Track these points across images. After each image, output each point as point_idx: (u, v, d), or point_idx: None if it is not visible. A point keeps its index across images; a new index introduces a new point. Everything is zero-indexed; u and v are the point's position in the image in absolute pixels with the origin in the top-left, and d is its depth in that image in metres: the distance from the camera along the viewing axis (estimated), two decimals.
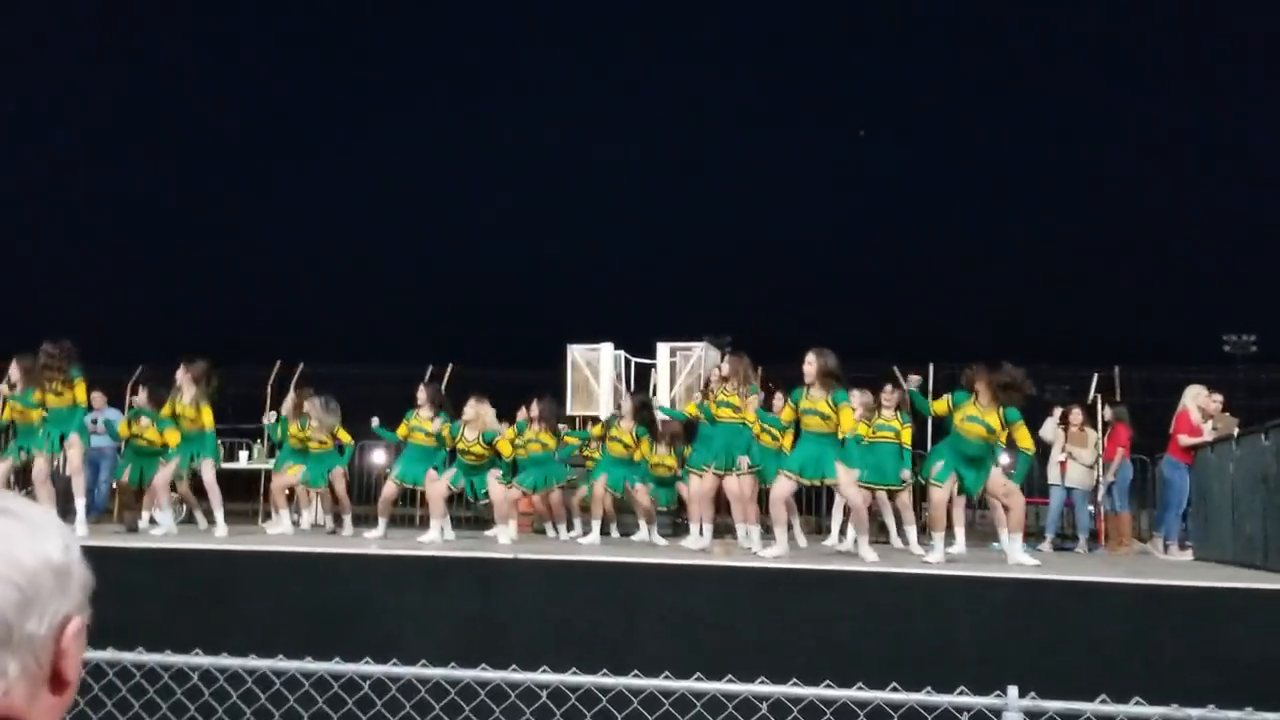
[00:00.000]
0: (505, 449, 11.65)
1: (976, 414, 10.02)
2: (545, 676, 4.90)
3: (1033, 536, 15.73)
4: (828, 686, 4.47)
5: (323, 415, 12.46)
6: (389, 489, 11.87)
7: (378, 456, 19.76)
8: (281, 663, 5.04)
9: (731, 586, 8.59)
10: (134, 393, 14.01)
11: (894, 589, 8.48)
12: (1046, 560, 10.97)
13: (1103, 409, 15.21)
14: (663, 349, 18.33)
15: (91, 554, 1.31)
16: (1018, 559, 9.85)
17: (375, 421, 12.53)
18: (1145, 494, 15.57)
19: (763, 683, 4.49)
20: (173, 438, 11.70)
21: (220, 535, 11.31)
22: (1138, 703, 4.46)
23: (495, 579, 8.69)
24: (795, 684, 4.49)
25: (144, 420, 12.33)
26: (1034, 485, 17.58)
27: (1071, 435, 14.57)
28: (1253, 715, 4.47)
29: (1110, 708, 4.44)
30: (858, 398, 11.32)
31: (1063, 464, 14.57)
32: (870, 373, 14.01)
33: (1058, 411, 14.80)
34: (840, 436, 9.90)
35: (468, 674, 4.81)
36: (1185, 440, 12.71)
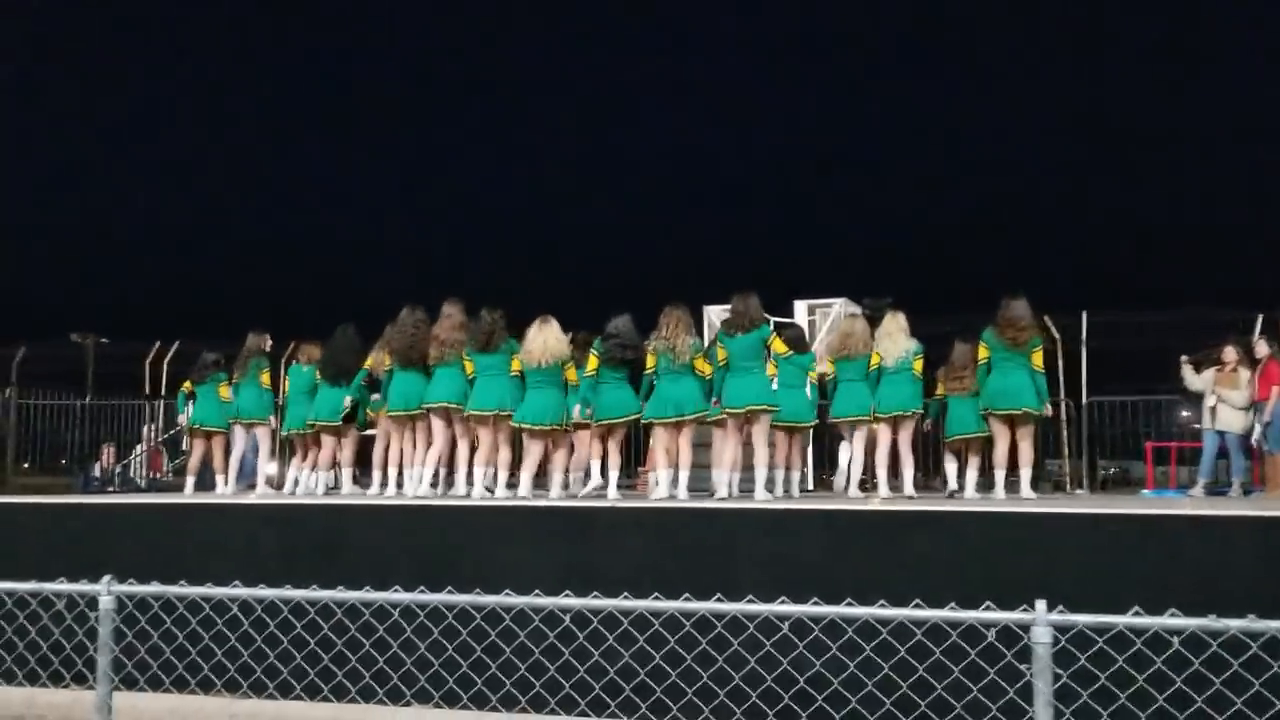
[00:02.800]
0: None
1: None
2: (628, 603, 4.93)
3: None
4: (849, 605, 4.43)
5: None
6: None
7: None
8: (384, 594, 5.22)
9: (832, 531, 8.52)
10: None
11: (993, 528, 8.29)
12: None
13: (1255, 347, 14.48)
14: (800, 306, 18.24)
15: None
16: None
17: None
18: None
19: (783, 603, 4.47)
20: None
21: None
22: (1172, 614, 4.31)
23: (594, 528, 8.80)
24: (815, 603, 4.46)
25: None
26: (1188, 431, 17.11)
27: (1221, 377, 14.01)
28: None
29: (1144, 620, 4.30)
30: None
31: (1213, 408, 14.03)
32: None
33: (1185, 360, 14.37)
34: None
35: (550, 602, 4.89)
36: None
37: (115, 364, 19.91)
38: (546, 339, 11.30)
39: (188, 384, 13.84)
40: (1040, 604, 4.31)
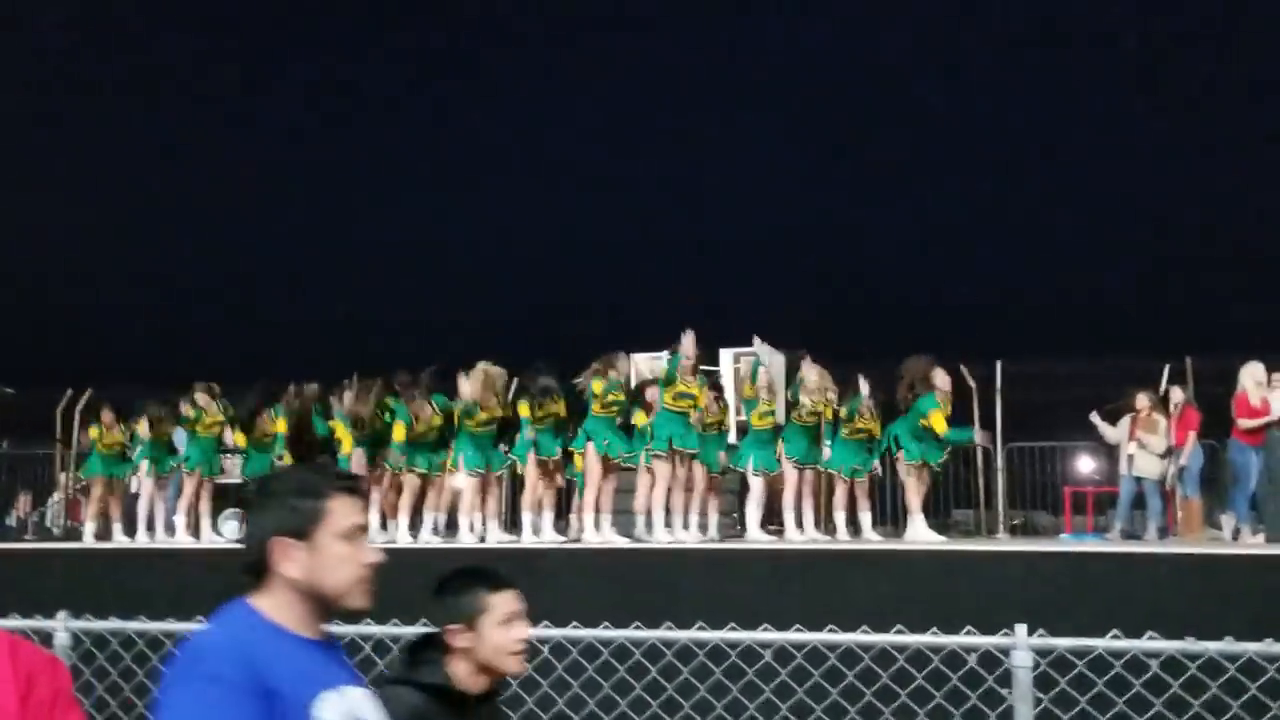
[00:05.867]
0: None
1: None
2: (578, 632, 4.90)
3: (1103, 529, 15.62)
4: (831, 631, 4.44)
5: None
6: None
7: None
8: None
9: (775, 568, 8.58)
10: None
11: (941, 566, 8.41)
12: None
13: (1168, 392, 14.81)
14: (726, 355, 18.33)
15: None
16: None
17: None
18: (1216, 480, 15.20)
19: (765, 629, 4.48)
20: None
21: None
22: (1151, 637, 4.38)
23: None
24: (798, 629, 4.47)
25: None
26: (1109, 475, 17.42)
27: (1140, 421, 14.29)
28: (1275, 646, 4.35)
29: (1123, 643, 4.36)
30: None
31: (1131, 456, 14.30)
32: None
33: (1096, 415, 14.74)
34: None
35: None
36: (1245, 423, 12.49)
37: (23, 413, 19.49)
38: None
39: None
40: (1020, 628, 4.36)
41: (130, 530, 13.85)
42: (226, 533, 13.80)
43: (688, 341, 11.86)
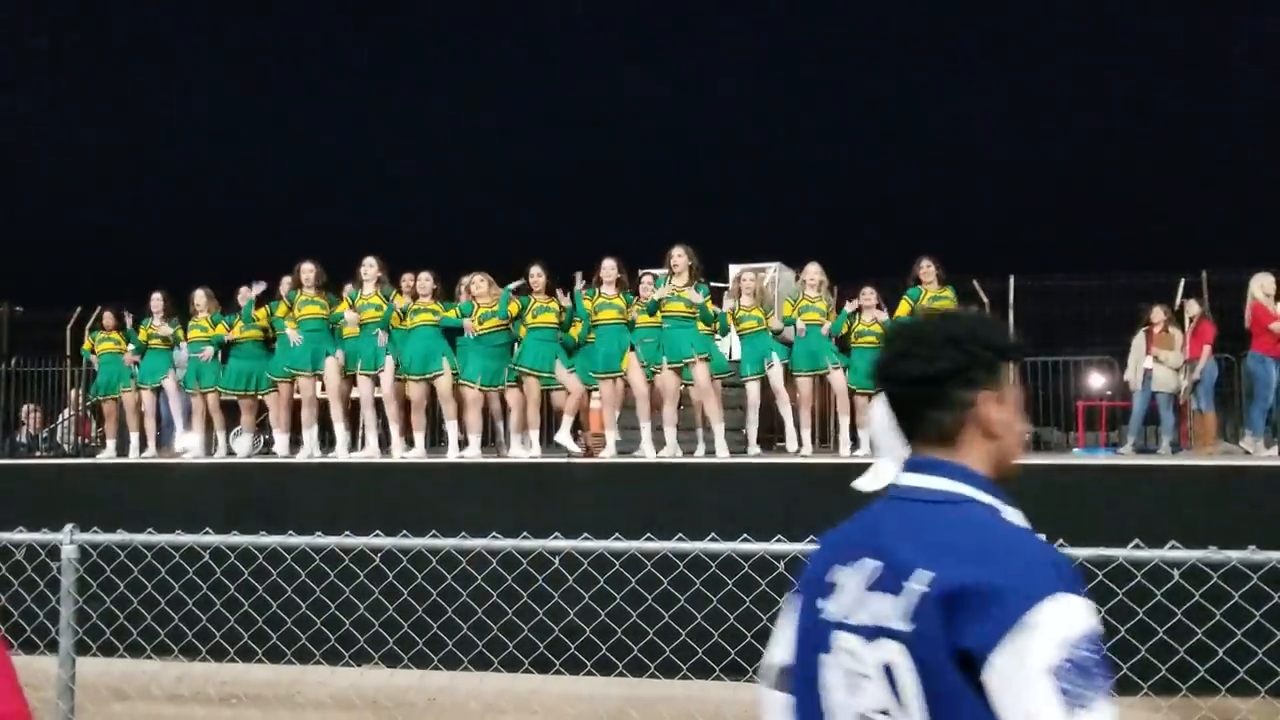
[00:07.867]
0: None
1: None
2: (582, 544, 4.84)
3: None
4: (811, 542, 4.37)
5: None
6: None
7: None
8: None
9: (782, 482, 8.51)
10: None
11: None
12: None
13: (1183, 305, 14.69)
14: (735, 271, 18.20)
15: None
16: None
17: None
18: (1231, 394, 15.14)
19: (745, 540, 4.44)
20: None
21: None
22: (1173, 547, 4.29)
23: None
24: (779, 540, 4.43)
25: None
26: (1122, 391, 17.35)
27: (1156, 338, 14.17)
28: None
29: (1144, 552, 4.28)
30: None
31: (1149, 371, 14.19)
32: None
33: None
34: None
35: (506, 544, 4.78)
36: (1275, 326, 12.37)
37: (35, 330, 19.53)
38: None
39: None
40: (1039, 539, 4.27)
41: (143, 445, 13.85)
42: (239, 448, 13.70)
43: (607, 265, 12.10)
